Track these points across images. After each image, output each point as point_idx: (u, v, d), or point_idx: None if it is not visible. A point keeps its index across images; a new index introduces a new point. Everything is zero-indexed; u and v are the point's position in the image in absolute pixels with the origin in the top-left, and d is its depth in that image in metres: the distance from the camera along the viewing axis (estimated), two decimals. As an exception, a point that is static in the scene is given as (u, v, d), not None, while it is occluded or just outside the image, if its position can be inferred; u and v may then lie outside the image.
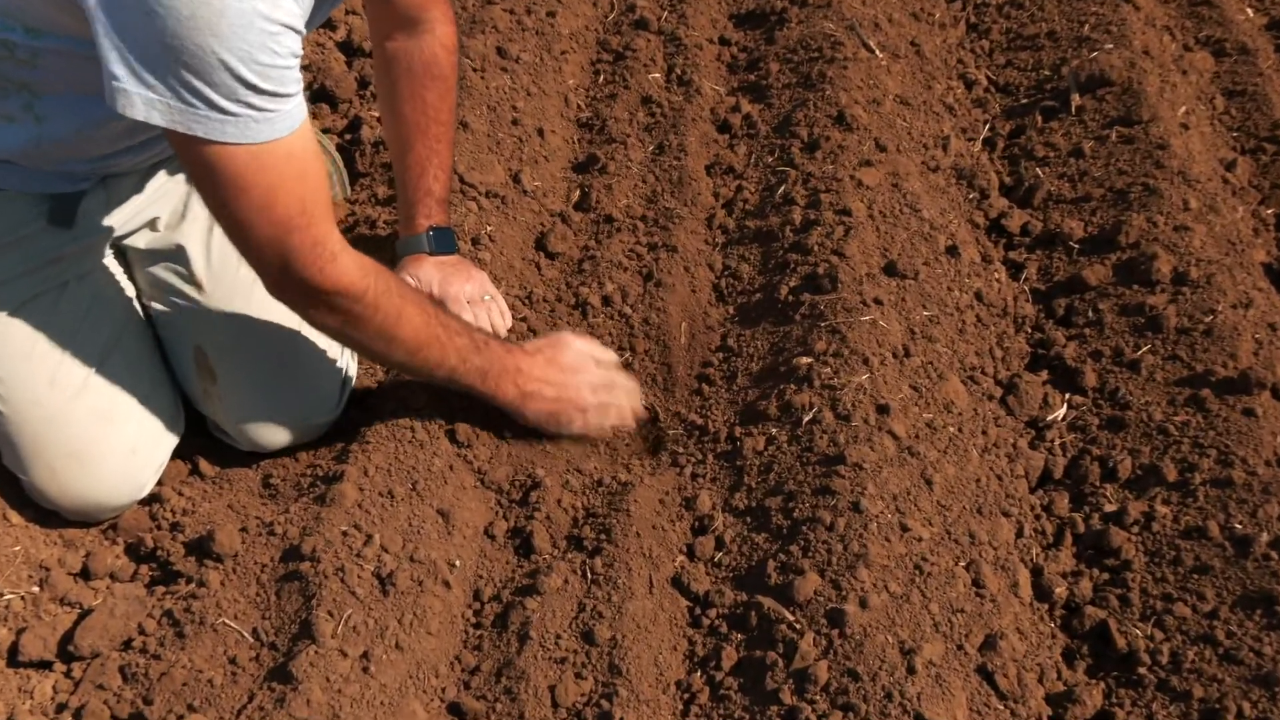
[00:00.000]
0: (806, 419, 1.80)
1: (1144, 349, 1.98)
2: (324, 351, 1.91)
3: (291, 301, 1.61)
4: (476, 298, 2.02)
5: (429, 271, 2.00)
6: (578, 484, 1.83)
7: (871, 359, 1.88)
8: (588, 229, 2.43)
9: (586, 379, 1.87)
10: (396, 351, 1.68)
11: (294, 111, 1.45)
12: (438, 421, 1.84)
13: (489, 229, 2.27)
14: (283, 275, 1.54)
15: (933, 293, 2.09)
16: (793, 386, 1.88)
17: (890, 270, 2.11)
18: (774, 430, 1.82)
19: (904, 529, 1.59)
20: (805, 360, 1.91)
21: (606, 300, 2.18)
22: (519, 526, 1.76)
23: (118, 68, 1.34)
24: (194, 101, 1.36)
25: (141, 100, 1.36)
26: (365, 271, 1.59)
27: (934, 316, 2.04)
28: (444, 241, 2.03)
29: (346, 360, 1.95)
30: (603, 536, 1.68)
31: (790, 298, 2.11)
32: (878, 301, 2.01)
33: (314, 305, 1.59)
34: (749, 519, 1.70)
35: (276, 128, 1.42)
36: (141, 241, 1.92)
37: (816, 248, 2.18)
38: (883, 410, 1.79)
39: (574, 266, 2.33)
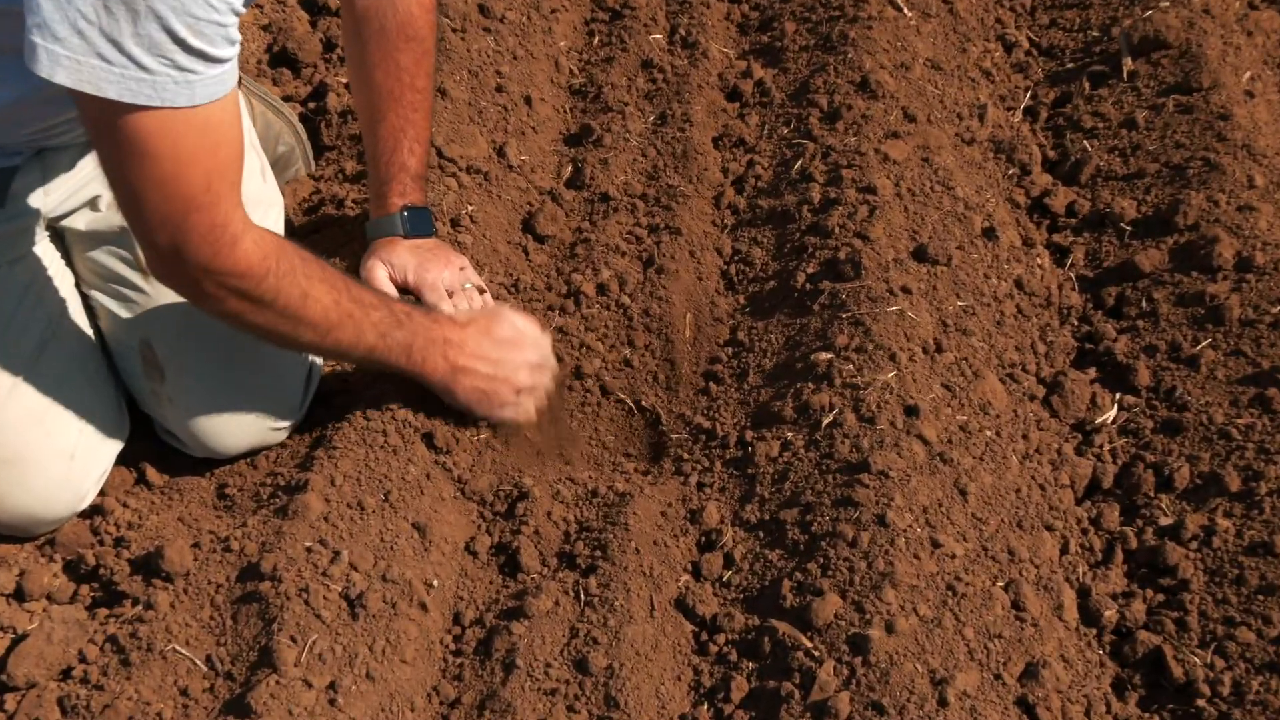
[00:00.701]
0: (826, 422, 1.80)
1: (1204, 343, 1.98)
2: (285, 345, 1.91)
3: (179, 285, 1.61)
4: (456, 286, 2.02)
5: (403, 256, 1.99)
6: (570, 494, 1.83)
7: (899, 354, 1.88)
8: (581, 209, 2.43)
9: (525, 357, 1.88)
10: (305, 334, 1.69)
11: (221, 78, 1.44)
12: (413, 424, 1.85)
13: (470, 209, 2.27)
14: (173, 256, 1.54)
15: (968, 280, 2.09)
16: (811, 385, 1.88)
17: (920, 255, 2.12)
18: (789, 434, 1.82)
19: (935, 545, 1.60)
20: (825, 356, 1.91)
21: (602, 289, 2.18)
22: (504, 542, 1.76)
23: (31, 16, 1.34)
24: (110, 55, 1.35)
25: (46, 55, 1.35)
26: (266, 253, 1.60)
27: (969, 307, 2.04)
28: (420, 222, 2.03)
29: (312, 355, 1.95)
30: (598, 553, 1.68)
31: (808, 286, 2.11)
32: (906, 290, 2.01)
33: (206, 291, 1.59)
34: (761, 533, 1.70)
35: (197, 93, 1.42)
36: (81, 223, 1.91)
37: (837, 230, 2.18)
38: (911, 412, 1.79)
39: (565, 251, 2.33)
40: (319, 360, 1.98)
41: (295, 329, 1.68)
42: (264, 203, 2.04)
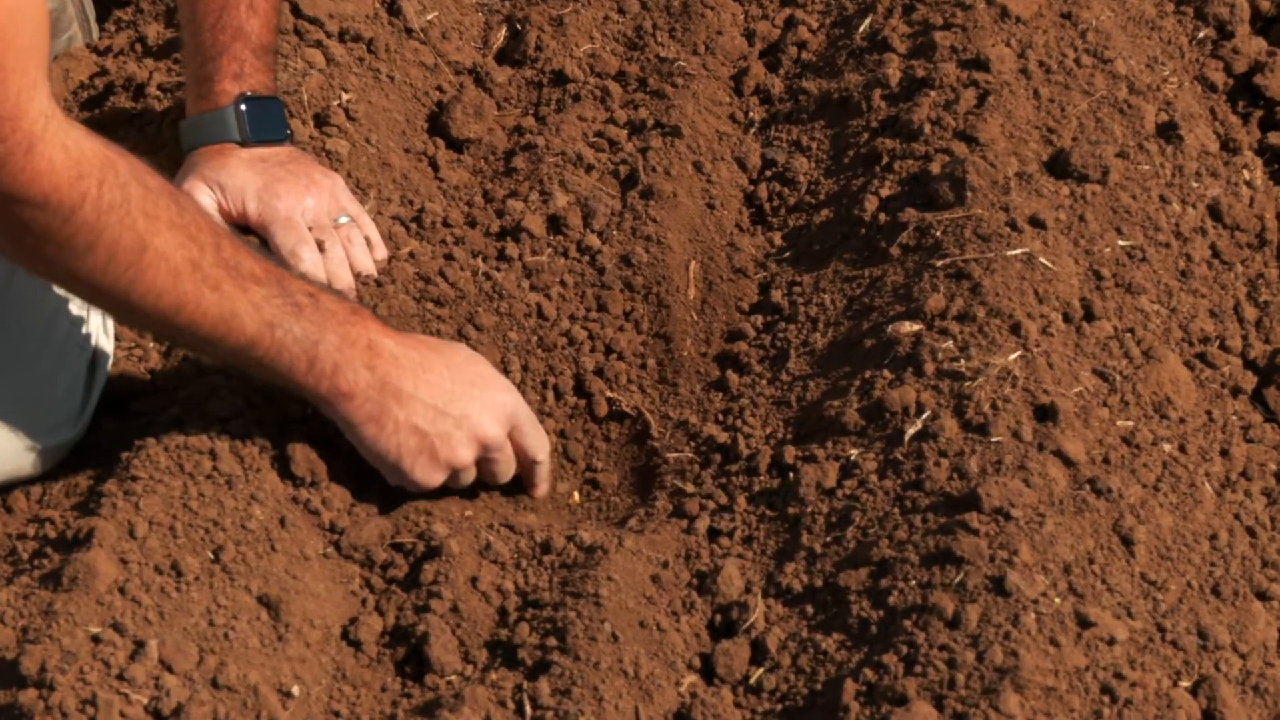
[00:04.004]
0: (911, 431, 1.81)
1: None
2: (55, 318, 1.91)
3: None
4: (324, 221, 2.02)
5: (240, 175, 2.00)
6: (507, 549, 1.83)
7: (1026, 325, 1.88)
8: (522, 96, 2.43)
9: (494, 398, 1.87)
10: (143, 305, 1.71)
11: None
12: (258, 441, 1.85)
13: (346, 98, 2.27)
14: None
15: (1134, 207, 2.10)
16: (887, 374, 1.89)
17: (1059, 167, 2.12)
18: (854, 452, 1.83)
19: (1084, 623, 1.60)
20: (910, 328, 1.92)
21: (556, 223, 2.18)
22: (404, 625, 1.76)
23: None
24: None
25: None
26: (83, 171, 1.60)
27: (1136, 248, 2.05)
28: (267, 121, 2.03)
29: (95, 332, 1.95)
30: (552, 641, 1.69)
31: (882, 217, 2.11)
32: (1037, 223, 2.02)
33: None
34: (811, 608, 1.71)
35: None
36: None
37: (929, 128, 2.18)
38: (1046, 415, 1.79)
39: (498, 164, 2.33)
40: (108, 343, 1.97)
41: (126, 296, 1.68)
42: None
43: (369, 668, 1.74)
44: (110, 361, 1.99)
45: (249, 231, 1.97)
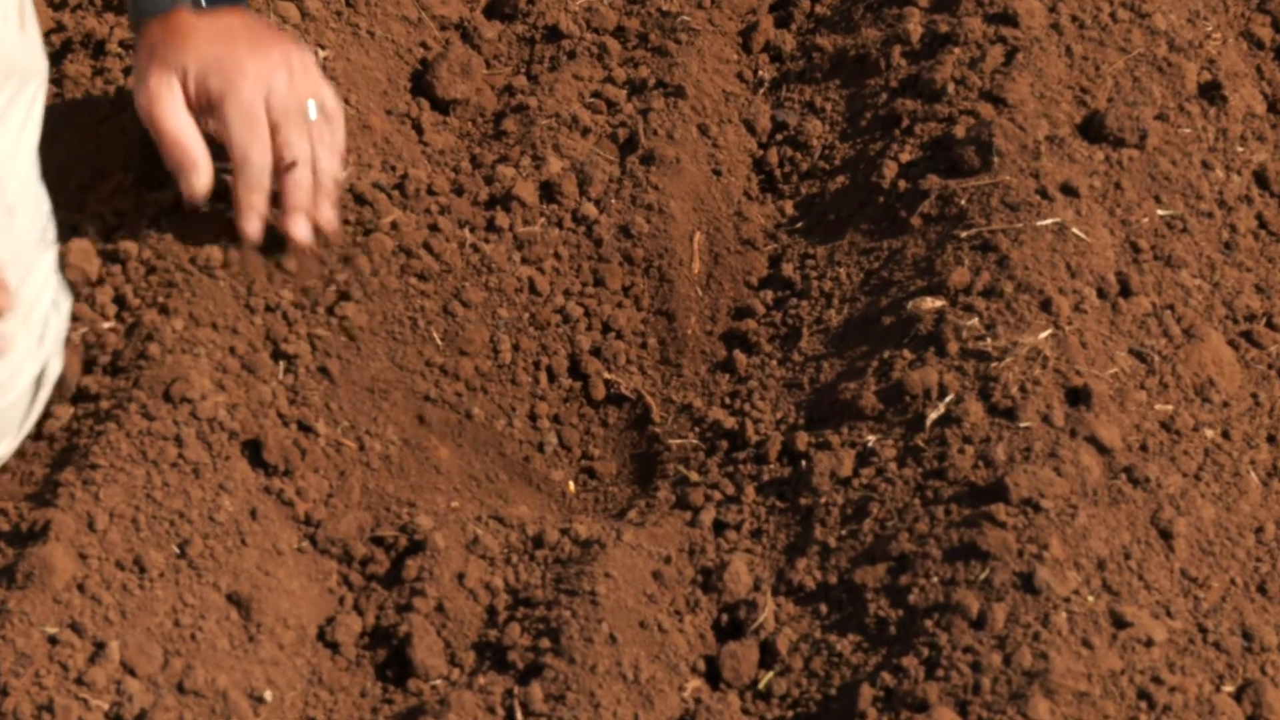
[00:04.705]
0: (933, 416, 1.80)
1: None
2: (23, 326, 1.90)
3: None
4: (289, 108, 1.96)
5: (202, 50, 1.90)
6: (497, 544, 1.83)
7: (1057, 301, 1.88)
8: (513, 54, 2.42)
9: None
10: None
11: None
12: (228, 426, 1.84)
13: (323, 55, 2.26)
14: None
15: (1174, 174, 2.09)
16: (907, 354, 1.88)
17: (1093, 130, 2.12)
18: (871, 438, 1.82)
19: (1119, 623, 1.60)
20: (932, 304, 1.91)
21: (549, 191, 2.17)
22: (385, 625, 1.76)
23: None
24: None
25: None
26: None
27: (1176, 218, 2.05)
28: None
29: (47, 303, 1.94)
30: (545, 643, 1.68)
31: (902, 184, 2.10)
32: (1069, 190, 2.01)
33: None
34: (825, 607, 1.71)
35: None
36: None
37: (952, 88, 2.17)
38: (1078, 398, 1.79)
39: (487, 127, 2.32)
40: (60, 322, 1.96)
41: None
42: (18, 72, 2.02)
43: (347, 671, 1.74)
44: (58, 373, 1.96)
45: (211, 112, 1.95)
